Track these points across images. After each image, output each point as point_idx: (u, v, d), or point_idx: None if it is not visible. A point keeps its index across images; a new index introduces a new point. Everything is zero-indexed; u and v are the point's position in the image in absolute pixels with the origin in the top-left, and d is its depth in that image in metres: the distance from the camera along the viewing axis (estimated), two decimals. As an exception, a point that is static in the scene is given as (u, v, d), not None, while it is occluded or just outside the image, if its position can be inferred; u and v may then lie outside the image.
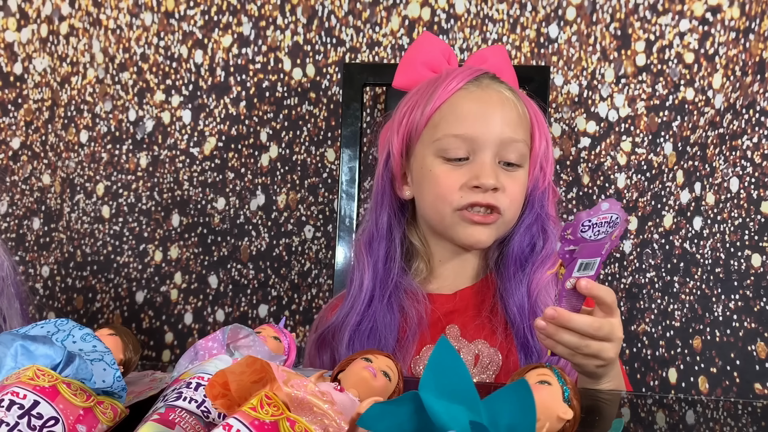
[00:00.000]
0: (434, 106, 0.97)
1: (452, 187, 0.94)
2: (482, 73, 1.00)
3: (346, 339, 0.95)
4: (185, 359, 0.64)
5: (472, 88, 0.97)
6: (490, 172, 0.93)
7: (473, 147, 0.94)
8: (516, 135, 0.96)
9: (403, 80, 1.06)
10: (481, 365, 0.96)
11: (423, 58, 1.04)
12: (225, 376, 0.49)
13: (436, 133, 0.96)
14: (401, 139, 1.00)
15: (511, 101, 0.97)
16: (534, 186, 1.00)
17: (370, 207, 1.05)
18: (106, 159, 1.48)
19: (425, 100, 0.98)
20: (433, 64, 1.04)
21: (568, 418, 0.50)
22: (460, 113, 0.95)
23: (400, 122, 1.00)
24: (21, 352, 0.56)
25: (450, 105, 0.97)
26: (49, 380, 0.53)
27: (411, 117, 0.99)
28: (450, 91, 0.97)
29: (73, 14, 1.48)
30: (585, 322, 0.73)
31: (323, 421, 0.47)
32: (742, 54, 1.28)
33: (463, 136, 0.94)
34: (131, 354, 0.70)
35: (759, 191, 1.26)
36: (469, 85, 0.98)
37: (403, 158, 1.01)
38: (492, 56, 1.07)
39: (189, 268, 1.46)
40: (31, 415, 0.50)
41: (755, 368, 1.25)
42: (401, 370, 0.58)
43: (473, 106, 0.95)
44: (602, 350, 0.75)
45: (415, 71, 1.04)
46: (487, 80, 0.99)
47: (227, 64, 1.44)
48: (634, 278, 1.34)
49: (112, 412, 0.56)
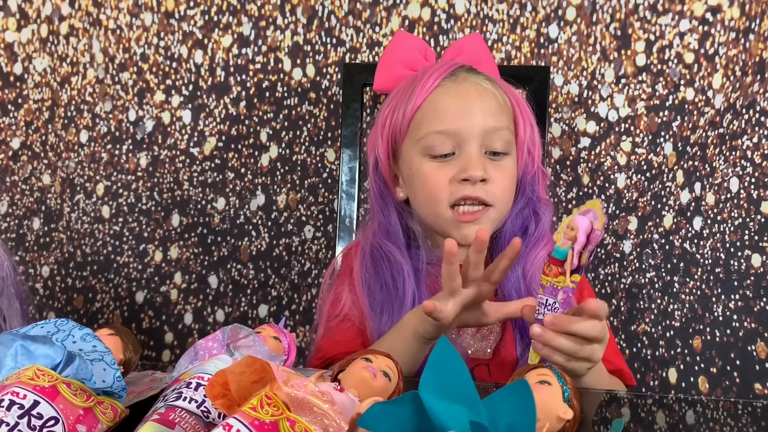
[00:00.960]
0: (414, 106, 0.98)
1: (442, 184, 0.95)
2: (458, 66, 1.01)
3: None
4: (185, 359, 0.64)
5: (449, 84, 0.99)
6: (478, 163, 0.94)
7: (458, 141, 0.95)
8: (498, 123, 0.96)
9: (383, 82, 1.08)
10: (481, 334, 0.98)
11: (400, 57, 1.06)
12: (225, 376, 0.49)
13: (419, 132, 0.97)
14: (386, 142, 1.02)
15: (490, 91, 0.98)
16: (524, 171, 1.01)
17: (375, 210, 1.05)
18: (106, 159, 1.48)
19: (405, 101, 1.00)
20: (411, 62, 1.05)
21: (568, 418, 0.50)
22: (440, 110, 0.96)
23: (383, 126, 1.02)
24: (21, 352, 0.56)
25: (430, 103, 0.98)
26: (49, 380, 0.53)
27: (393, 119, 1.01)
28: (428, 89, 0.98)
29: (73, 14, 1.48)
30: (587, 324, 0.74)
31: (323, 421, 0.47)
32: (742, 54, 1.28)
33: (446, 132, 0.95)
34: (131, 354, 0.70)
35: (759, 191, 1.26)
36: (445, 81, 0.99)
37: (391, 160, 1.02)
38: (468, 46, 1.08)
39: (189, 268, 1.46)
40: (31, 415, 0.50)
41: (755, 368, 1.25)
42: (401, 370, 0.58)
43: (452, 101, 0.96)
44: (594, 352, 0.76)
45: (393, 71, 1.06)
46: (463, 73, 1.00)
47: (227, 64, 1.44)
48: (634, 278, 1.34)
49: (112, 412, 0.56)
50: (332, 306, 1.01)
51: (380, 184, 1.04)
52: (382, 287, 0.99)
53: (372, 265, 1.00)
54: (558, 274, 0.71)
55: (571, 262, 0.71)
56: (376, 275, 0.99)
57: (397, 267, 0.98)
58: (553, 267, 0.72)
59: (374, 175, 1.04)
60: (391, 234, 1.02)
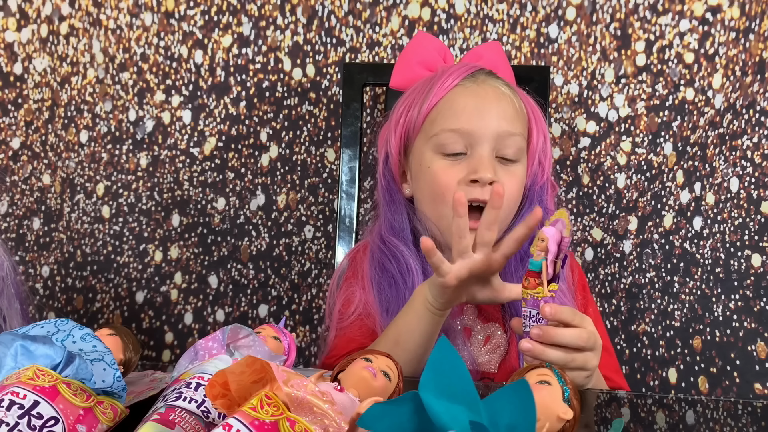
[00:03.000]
0: (431, 103, 0.97)
1: (450, 184, 0.94)
2: (478, 69, 1.00)
3: None
4: (185, 359, 0.64)
5: (468, 84, 0.98)
6: (488, 166, 0.93)
7: (470, 141, 0.94)
8: (513, 129, 0.96)
9: (400, 80, 1.07)
10: (490, 345, 0.97)
11: (419, 57, 1.05)
12: (225, 376, 0.49)
13: (433, 128, 0.97)
14: (399, 138, 1.01)
15: (507, 96, 0.98)
16: (533, 181, 1.00)
17: (382, 206, 1.04)
18: (106, 159, 1.48)
19: (422, 98, 0.99)
20: (429, 63, 1.05)
21: (568, 419, 0.50)
22: (456, 108, 0.96)
23: (397, 122, 1.01)
24: (21, 352, 0.56)
25: (447, 101, 0.97)
26: (49, 380, 0.53)
27: (408, 115, 1.00)
28: (446, 87, 0.98)
29: (73, 14, 1.48)
30: (573, 333, 0.73)
31: (323, 421, 0.47)
32: (742, 54, 1.28)
33: (460, 131, 0.94)
34: (131, 354, 0.70)
35: (759, 191, 1.26)
36: (465, 81, 0.98)
37: (402, 157, 1.02)
38: (487, 53, 1.07)
39: (189, 268, 1.45)
40: (31, 415, 0.50)
41: (755, 368, 1.25)
42: (401, 370, 0.58)
43: (469, 101, 0.96)
44: (587, 361, 0.75)
45: (411, 71, 1.05)
46: (483, 76, 0.99)
47: (227, 64, 1.44)
48: (634, 278, 1.34)
49: (112, 412, 0.56)
50: (344, 306, 0.99)
51: (389, 179, 1.03)
52: (390, 284, 0.97)
53: (380, 263, 0.99)
54: (536, 285, 0.72)
55: (547, 272, 0.72)
56: (384, 273, 0.98)
57: (404, 262, 0.97)
58: (531, 279, 0.73)
59: (384, 169, 1.03)
60: (397, 230, 1.01)
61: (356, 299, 0.99)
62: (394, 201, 1.03)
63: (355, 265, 1.03)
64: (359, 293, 0.99)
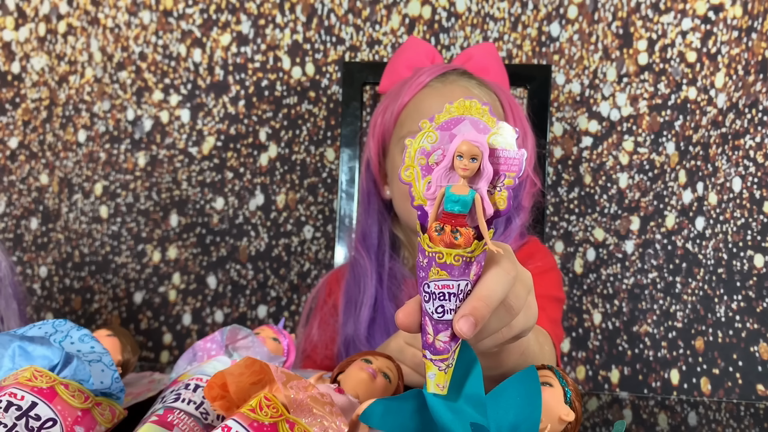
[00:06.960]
0: (401, 105, 0.99)
1: None
2: (451, 69, 1.00)
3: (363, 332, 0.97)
4: (184, 360, 0.64)
5: (437, 85, 0.99)
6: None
7: None
8: None
9: (388, 85, 1.08)
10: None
11: (407, 62, 1.06)
12: (224, 377, 0.49)
13: (402, 130, 0.99)
14: (377, 141, 1.03)
15: (477, 96, 0.98)
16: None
17: (360, 212, 1.07)
18: (104, 158, 1.47)
19: (395, 101, 1.00)
20: (416, 65, 1.05)
21: (570, 420, 0.50)
22: (422, 109, 0.97)
23: (374, 125, 1.03)
24: (19, 353, 0.56)
25: (414, 103, 0.98)
26: (47, 381, 0.53)
27: (383, 118, 1.02)
28: (415, 88, 0.99)
29: (71, 13, 1.47)
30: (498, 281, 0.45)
31: (322, 422, 0.46)
32: (744, 53, 1.28)
33: None
34: (129, 355, 0.70)
35: (762, 191, 1.26)
36: (433, 82, 0.99)
37: (381, 159, 1.03)
38: (478, 54, 1.08)
39: (187, 268, 1.45)
40: (29, 416, 0.50)
41: (758, 369, 1.25)
42: (401, 371, 0.57)
43: (435, 102, 0.97)
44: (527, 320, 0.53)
45: (398, 75, 1.06)
46: (453, 76, 1.00)
47: (226, 63, 1.43)
48: (636, 279, 1.34)
49: (110, 414, 0.56)
50: (306, 340, 1.04)
51: (369, 183, 1.05)
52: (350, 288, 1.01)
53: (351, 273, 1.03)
54: (470, 239, 0.42)
55: (484, 209, 0.43)
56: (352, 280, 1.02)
57: (363, 268, 1.00)
58: (447, 229, 0.42)
59: (366, 174, 1.06)
60: (366, 237, 1.03)
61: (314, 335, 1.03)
62: (370, 207, 1.05)
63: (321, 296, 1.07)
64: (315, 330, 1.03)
